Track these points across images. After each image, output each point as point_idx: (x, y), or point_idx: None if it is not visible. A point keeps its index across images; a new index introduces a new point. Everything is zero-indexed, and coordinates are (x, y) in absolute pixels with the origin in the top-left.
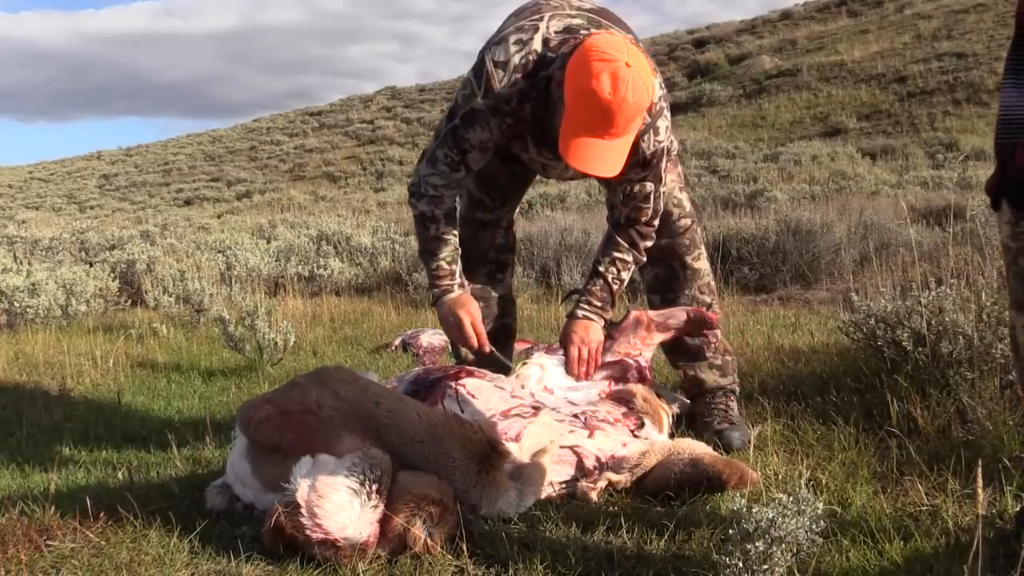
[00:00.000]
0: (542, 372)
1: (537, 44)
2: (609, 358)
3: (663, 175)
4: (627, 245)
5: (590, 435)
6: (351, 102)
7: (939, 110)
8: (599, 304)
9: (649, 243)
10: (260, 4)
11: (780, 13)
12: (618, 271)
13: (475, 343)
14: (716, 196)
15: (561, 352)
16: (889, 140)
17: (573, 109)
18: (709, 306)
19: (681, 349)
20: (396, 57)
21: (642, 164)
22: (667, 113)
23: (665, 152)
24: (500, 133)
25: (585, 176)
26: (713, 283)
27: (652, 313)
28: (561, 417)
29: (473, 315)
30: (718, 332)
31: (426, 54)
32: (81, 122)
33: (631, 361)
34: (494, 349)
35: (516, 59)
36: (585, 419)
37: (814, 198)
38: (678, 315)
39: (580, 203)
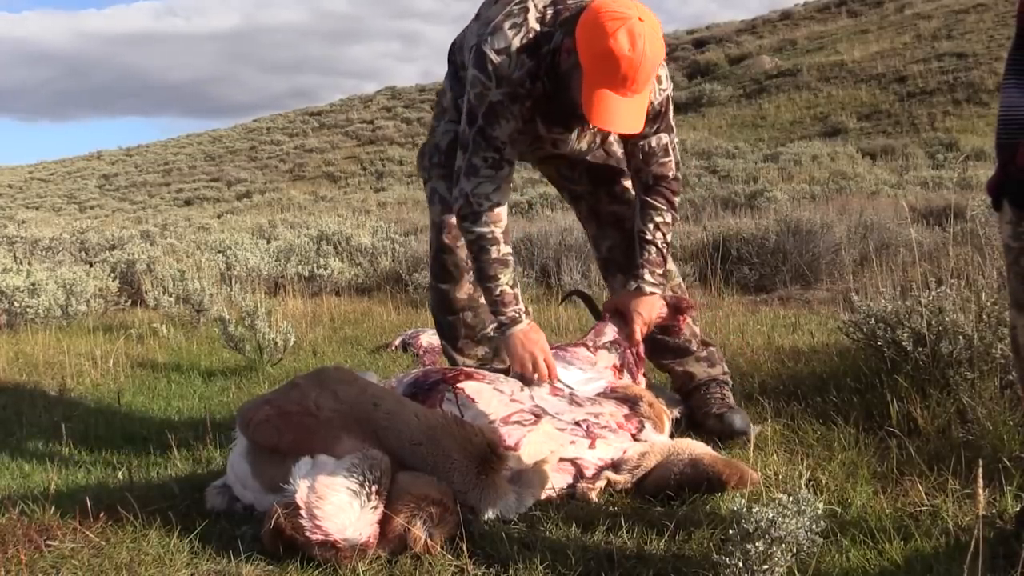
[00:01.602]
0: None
1: (532, 22)
2: (606, 339)
3: (672, 124)
4: (664, 206)
5: (591, 445)
6: (351, 102)
7: (939, 110)
8: (660, 271)
9: (678, 200)
10: (262, 4)
11: (780, 13)
12: (664, 235)
13: (546, 378)
14: (716, 196)
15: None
16: (889, 140)
17: (592, 71)
18: None
19: (668, 348)
20: (398, 57)
21: (653, 117)
22: (663, 62)
23: (670, 99)
24: (521, 119)
25: (605, 134)
26: (683, 283)
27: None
28: (562, 425)
29: (545, 350)
30: (695, 326)
31: (428, 54)
32: (82, 122)
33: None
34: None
35: (516, 42)
36: (587, 428)
37: (814, 198)
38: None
39: None
